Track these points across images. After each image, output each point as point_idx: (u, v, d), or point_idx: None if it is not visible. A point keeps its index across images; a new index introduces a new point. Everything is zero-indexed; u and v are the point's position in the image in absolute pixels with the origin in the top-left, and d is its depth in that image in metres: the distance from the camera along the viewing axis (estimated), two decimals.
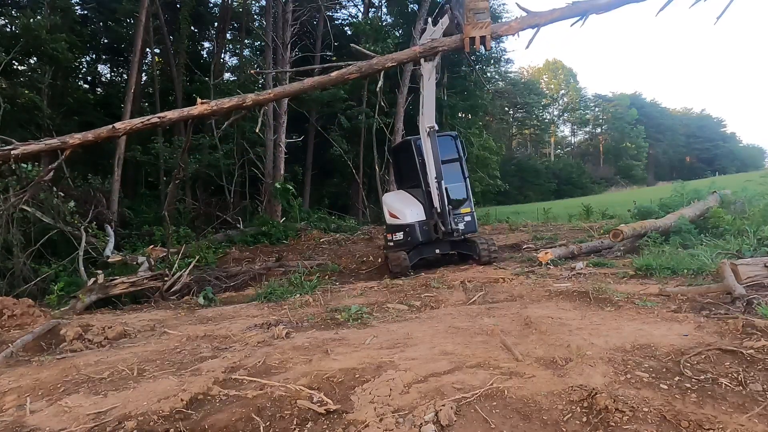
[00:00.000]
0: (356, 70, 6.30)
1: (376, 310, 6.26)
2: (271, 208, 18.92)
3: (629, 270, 7.55)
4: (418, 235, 9.82)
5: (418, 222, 9.87)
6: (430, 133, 9.34)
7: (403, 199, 10.58)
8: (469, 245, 10.05)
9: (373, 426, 2.84)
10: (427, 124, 9.38)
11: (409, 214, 10.04)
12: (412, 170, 10.52)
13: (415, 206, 10.10)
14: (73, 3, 21.57)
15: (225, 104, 6.04)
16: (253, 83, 22.33)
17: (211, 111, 6.00)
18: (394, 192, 11.65)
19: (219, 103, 6.07)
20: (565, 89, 75.42)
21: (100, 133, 6.09)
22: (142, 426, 3.09)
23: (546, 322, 4.77)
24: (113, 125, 5.98)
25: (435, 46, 6.37)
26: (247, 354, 4.42)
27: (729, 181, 19.68)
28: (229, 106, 6.04)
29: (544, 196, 47.65)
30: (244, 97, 6.15)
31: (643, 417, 2.82)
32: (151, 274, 9.23)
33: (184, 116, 6.11)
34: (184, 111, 6.15)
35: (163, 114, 6.18)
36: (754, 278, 5.63)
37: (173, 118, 6.17)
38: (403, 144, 11.77)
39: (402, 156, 11.44)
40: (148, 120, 6.03)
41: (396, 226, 10.24)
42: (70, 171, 16.20)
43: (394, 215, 10.38)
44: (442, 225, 9.44)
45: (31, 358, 4.90)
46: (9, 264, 9.40)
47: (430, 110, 9.38)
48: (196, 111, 5.96)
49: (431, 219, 9.69)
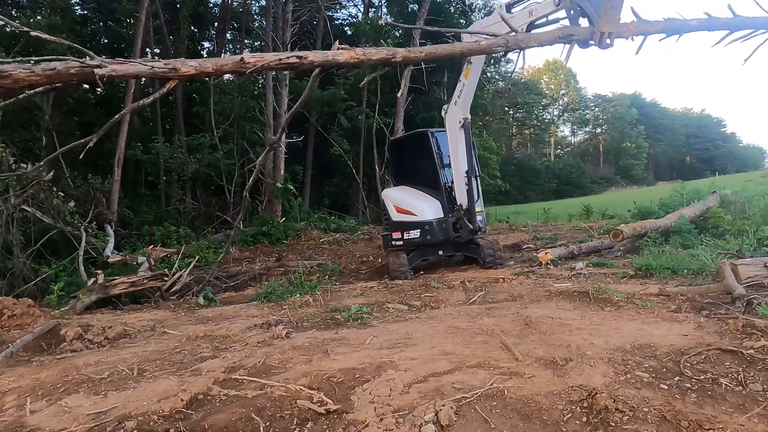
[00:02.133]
0: (504, 44, 5.96)
1: (376, 310, 6.26)
2: (271, 208, 18.93)
3: (629, 270, 7.55)
4: (438, 233, 9.15)
5: (436, 219, 9.19)
6: (465, 125, 8.85)
7: (416, 195, 9.84)
8: (473, 247, 9.50)
9: (373, 426, 2.84)
10: (462, 115, 8.85)
11: (427, 210, 9.31)
12: (419, 165, 9.91)
13: (432, 202, 9.41)
14: (73, 3, 21.56)
15: (374, 56, 5.27)
16: (252, 83, 22.33)
17: (359, 60, 5.27)
18: (398, 187, 10.76)
19: (367, 53, 5.36)
20: (565, 89, 75.43)
21: (223, 65, 4.98)
22: (142, 426, 3.09)
23: (546, 322, 4.77)
24: (242, 57, 4.83)
25: (571, 34, 6.14)
26: (247, 354, 4.42)
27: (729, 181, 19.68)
28: (377, 58, 5.37)
29: (544, 196, 47.64)
30: (394, 51, 5.51)
31: (643, 417, 2.82)
32: (151, 274, 9.23)
33: (329, 61, 5.29)
34: (329, 55, 5.30)
35: (304, 54, 5.15)
36: (754, 278, 5.63)
37: (315, 61, 5.20)
38: (412, 136, 10.97)
39: (408, 149, 10.79)
40: (286, 58, 5.05)
41: (409, 224, 9.44)
42: (70, 171, 16.25)
43: (407, 211, 9.56)
44: (469, 222, 8.83)
45: (31, 358, 4.90)
46: (9, 264, 9.41)
47: (467, 101, 8.89)
48: (342, 58, 5.25)
49: (450, 216, 9.12)
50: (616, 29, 5.96)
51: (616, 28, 5.96)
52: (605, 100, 74.61)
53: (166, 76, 4.74)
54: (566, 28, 6.31)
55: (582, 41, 6.13)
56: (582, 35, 6.10)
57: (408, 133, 12.81)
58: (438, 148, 9.42)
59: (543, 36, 6.21)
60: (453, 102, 9.06)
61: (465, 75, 8.84)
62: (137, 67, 4.62)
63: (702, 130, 79.74)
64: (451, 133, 9.06)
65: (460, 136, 8.92)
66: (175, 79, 4.76)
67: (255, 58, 4.90)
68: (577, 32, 6.11)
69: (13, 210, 9.57)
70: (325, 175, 26.41)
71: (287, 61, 5.07)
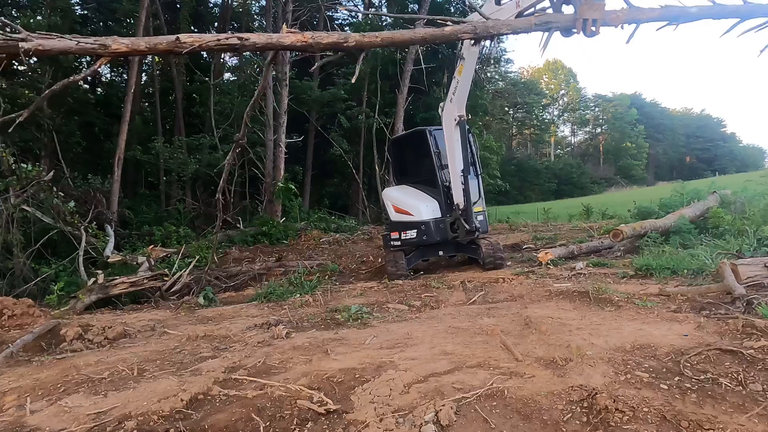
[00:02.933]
0: (471, 30, 5.55)
1: (376, 310, 6.26)
2: (271, 208, 18.93)
3: (629, 270, 7.55)
4: (434, 233, 8.99)
5: (433, 220, 9.05)
6: (460, 123, 8.65)
7: (414, 194, 9.67)
8: (474, 248, 9.31)
9: (373, 426, 2.84)
10: (457, 112, 8.63)
11: (424, 210, 9.15)
12: (418, 164, 9.81)
13: (430, 202, 9.25)
14: (73, 3, 21.57)
15: (324, 40, 4.77)
16: (252, 83, 22.33)
17: (306, 44, 4.89)
18: (397, 186, 10.56)
19: (317, 36, 4.99)
20: (565, 89, 75.47)
21: (157, 44, 4.67)
22: (142, 426, 3.09)
23: (546, 322, 4.77)
24: (178, 36, 4.56)
25: (549, 21, 5.70)
26: (247, 354, 4.42)
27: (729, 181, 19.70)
28: (327, 42, 5.00)
29: (544, 196, 47.66)
30: (346, 36, 5.18)
31: (643, 417, 2.82)
32: (151, 274, 9.24)
33: (273, 44, 4.97)
34: (273, 38, 4.97)
35: (246, 35, 4.81)
36: (754, 278, 5.63)
37: (258, 43, 4.88)
38: (411, 135, 10.78)
39: (407, 148, 10.58)
40: (226, 39, 4.73)
41: (406, 224, 9.31)
42: (70, 171, 16.26)
43: (404, 211, 9.42)
44: (466, 223, 8.62)
45: (31, 358, 4.90)
46: (9, 264, 9.41)
47: (462, 98, 8.67)
48: (288, 41, 4.91)
49: (448, 216, 8.95)
50: (601, 16, 5.53)
51: (602, 15, 5.54)
52: (605, 100, 74.63)
53: (95, 53, 4.54)
54: (545, 15, 5.88)
55: (564, 29, 5.71)
56: (562, 22, 5.66)
57: (407, 132, 12.73)
58: (436, 147, 9.26)
59: (517, 23, 5.80)
60: (449, 99, 8.91)
61: (459, 71, 8.66)
62: (65, 42, 4.42)
63: (702, 130, 79.78)
64: (447, 130, 8.90)
65: (455, 134, 8.75)
66: (106, 56, 4.56)
67: (192, 38, 4.68)
68: (557, 19, 5.67)
69: (13, 210, 9.58)
70: (325, 175, 26.41)
71: (227, 42, 4.78)
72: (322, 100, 23.19)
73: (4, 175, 10.02)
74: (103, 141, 22.38)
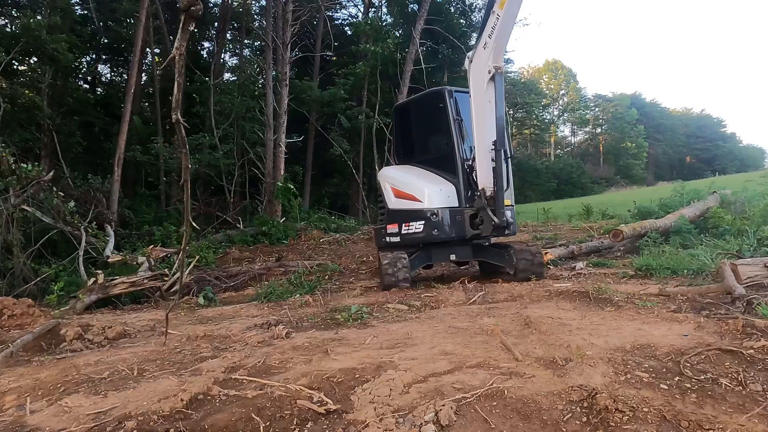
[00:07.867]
0: None
1: (376, 310, 6.25)
2: (271, 208, 18.94)
3: (629, 270, 7.56)
4: (448, 227, 6.84)
5: (449, 209, 6.87)
6: (495, 76, 6.38)
7: (422, 174, 7.42)
8: (499, 253, 7.26)
9: (373, 426, 2.84)
10: (492, 63, 6.40)
11: (435, 195, 6.93)
12: (430, 136, 7.78)
13: (444, 185, 7.04)
14: (73, 3, 21.57)
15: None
16: (252, 83, 22.34)
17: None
18: (400, 166, 8.16)
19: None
20: (565, 89, 75.50)
21: None
22: (142, 426, 3.09)
23: (546, 322, 4.76)
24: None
25: None
26: (247, 354, 4.42)
27: (729, 181, 19.70)
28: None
29: (544, 196, 47.66)
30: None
31: (643, 417, 2.82)
32: (151, 274, 9.24)
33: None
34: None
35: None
36: (754, 278, 5.64)
37: None
38: (425, 97, 8.14)
39: (418, 116, 8.12)
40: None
41: (409, 213, 7.09)
42: (70, 171, 16.27)
43: (408, 195, 7.18)
44: (494, 215, 6.48)
45: (31, 358, 4.90)
46: (9, 264, 9.41)
47: (502, 43, 6.45)
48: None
49: (468, 206, 6.78)
50: None
51: None
52: (605, 100, 74.70)
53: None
54: None
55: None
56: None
57: (419, 94, 9.27)
58: (457, 114, 7.07)
59: None
60: (482, 45, 6.53)
61: (501, 3, 6.29)
62: None
63: (702, 130, 79.87)
64: (476, 88, 6.66)
65: (489, 91, 6.55)
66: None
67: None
68: None
69: (13, 210, 9.57)
70: (325, 175, 26.42)
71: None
72: (322, 100, 23.19)
73: (4, 175, 10.01)
74: (103, 141, 22.40)
